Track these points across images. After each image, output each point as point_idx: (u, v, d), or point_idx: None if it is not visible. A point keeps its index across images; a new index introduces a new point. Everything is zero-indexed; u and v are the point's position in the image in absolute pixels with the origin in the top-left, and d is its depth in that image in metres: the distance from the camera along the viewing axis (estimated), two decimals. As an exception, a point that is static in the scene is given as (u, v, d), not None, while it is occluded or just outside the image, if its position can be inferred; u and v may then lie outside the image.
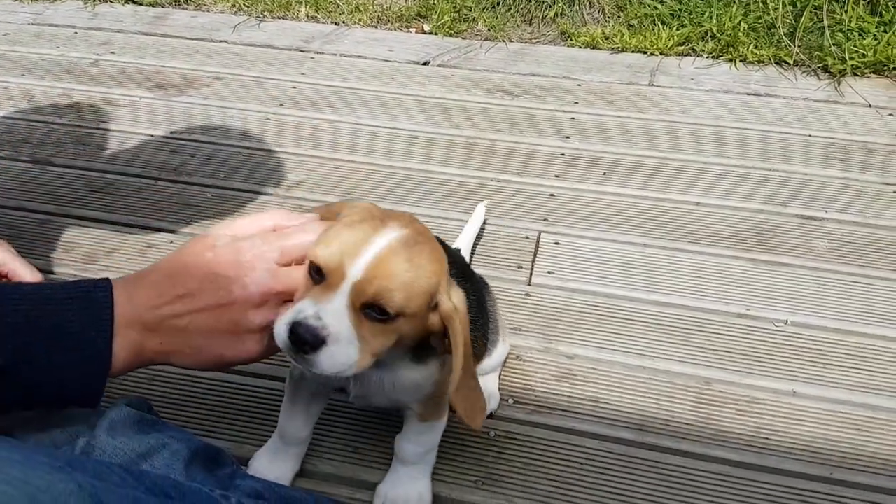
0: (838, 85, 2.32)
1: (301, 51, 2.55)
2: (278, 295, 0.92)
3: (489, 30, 2.67)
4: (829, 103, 2.25)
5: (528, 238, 1.73)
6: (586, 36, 2.59)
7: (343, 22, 2.74)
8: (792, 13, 2.53)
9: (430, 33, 2.68)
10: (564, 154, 2.03)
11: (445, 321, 0.91)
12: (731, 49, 2.47)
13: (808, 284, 1.61)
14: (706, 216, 1.81)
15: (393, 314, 0.87)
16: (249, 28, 2.69)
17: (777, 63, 2.43)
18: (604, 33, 2.59)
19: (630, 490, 1.21)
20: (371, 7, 2.79)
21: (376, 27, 2.73)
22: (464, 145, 2.07)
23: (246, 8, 2.81)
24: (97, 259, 1.65)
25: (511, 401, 1.34)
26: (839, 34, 2.44)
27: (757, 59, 2.44)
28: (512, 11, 2.74)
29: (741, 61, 2.45)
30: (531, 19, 2.73)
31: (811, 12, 2.48)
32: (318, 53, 2.54)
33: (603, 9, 2.71)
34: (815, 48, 2.42)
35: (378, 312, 0.87)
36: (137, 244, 1.70)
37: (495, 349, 1.27)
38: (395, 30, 2.72)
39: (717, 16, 2.56)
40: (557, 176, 1.94)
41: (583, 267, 1.65)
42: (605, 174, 1.95)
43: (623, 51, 2.54)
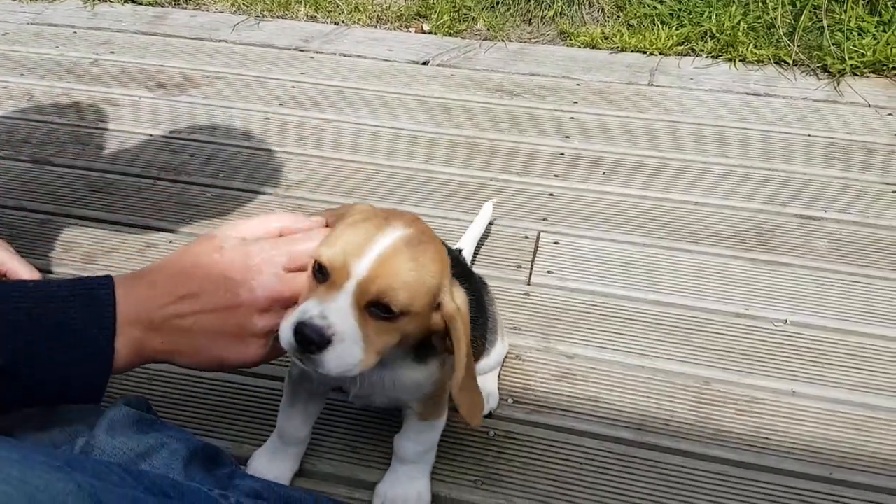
0: (837, 85, 2.32)
1: (300, 50, 2.55)
2: (284, 300, 0.92)
3: (488, 29, 2.67)
4: (829, 103, 2.25)
5: (528, 238, 1.73)
6: (586, 36, 2.59)
7: (342, 21, 2.74)
8: (791, 13, 2.53)
9: (430, 33, 2.68)
10: (563, 154, 2.03)
11: (448, 321, 0.91)
12: (731, 49, 2.47)
13: (807, 284, 1.61)
14: (705, 216, 1.81)
15: (397, 312, 0.87)
16: (249, 27, 2.69)
17: (776, 63, 2.43)
18: (603, 33, 2.59)
19: (629, 489, 1.21)
20: (370, 7, 2.79)
21: (375, 27, 2.73)
22: (463, 145, 2.07)
23: (245, 7, 2.81)
24: (96, 258, 1.65)
25: (510, 400, 1.35)
26: (838, 34, 2.44)
27: (756, 59, 2.44)
28: (511, 11, 2.74)
29: (740, 61, 2.45)
30: (530, 19, 2.73)
31: (810, 12, 2.48)
32: (318, 53, 2.54)
33: (602, 8, 2.71)
34: (815, 48, 2.43)
35: (382, 311, 0.87)
36: (137, 244, 1.70)
37: (494, 349, 1.27)
38: (395, 29, 2.72)
39: (717, 15, 2.56)
40: (556, 175, 1.94)
41: (582, 266, 1.65)
42: (605, 174, 1.95)
43: (622, 50, 2.54)
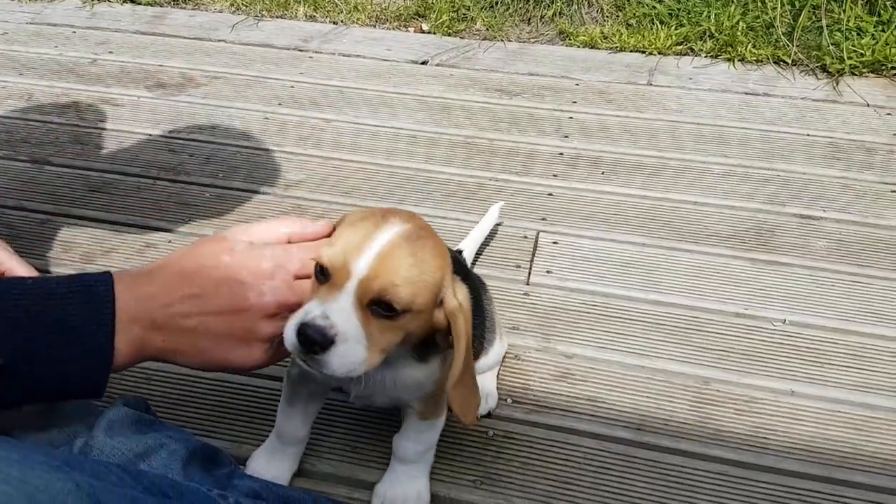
0: (836, 84, 2.32)
1: (299, 50, 2.55)
2: (292, 306, 0.92)
3: (487, 29, 2.67)
4: (828, 103, 2.25)
5: (527, 237, 1.73)
6: (585, 35, 2.59)
7: (341, 21, 2.74)
8: (790, 12, 2.53)
9: (429, 33, 2.68)
10: (563, 153, 2.03)
11: (450, 317, 0.92)
12: (730, 48, 2.47)
13: (807, 284, 1.61)
14: (704, 215, 1.81)
15: (400, 310, 0.87)
16: (248, 27, 2.69)
17: (775, 62, 2.43)
18: (602, 33, 2.59)
19: (629, 489, 1.21)
20: (369, 6, 2.79)
21: (374, 26, 2.73)
22: (462, 145, 2.07)
23: (244, 7, 2.81)
24: (95, 258, 1.65)
25: (510, 400, 1.34)
26: (837, 33, 2.44)
27: (755, 59, 2.44)
28: (510, 11, 2.74)
29: (739, 61, 2.45)
30: (529, 19, 2.73)
31: (809, 12, 2.48)
32: (317, 53, 2.54)
33: (601, 8, 2.71)
34: (814, 47, 2.43)
35: (385, 309, 0.87)
36: (136, 244, 1.70)
37: (492, 348, 1.27)
38: (394, 29, 2.72)
39: (716, 15, 2.56)
40: (556, 175, 1.94)
41: (581, 266, 1.65)
42: (604, 174, 1.95)
43: (621, 50, 2.54)
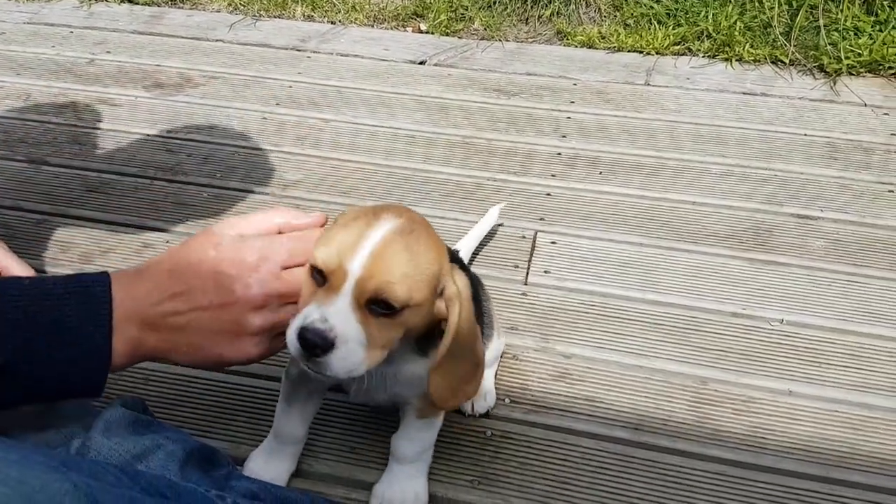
0: (834, 84, 2.33)
1: (297, 50, 2.55)
2: (281, 297, 0.92)
3: (485, 29, 2.67)
4: (825, 102, 2.26)
5: (525, 237, 1.73)
6: (582, 35, 2.59)
7: (339, 21, 2.74)
8: (788, 12, 2.53)
9: (427, 32, 2.68)
10: (561, 153, 2.03)
11: (447, 304, 0.92)
12: (727, 48, 2.47)
13: (804, 284, 1.61)
14: (702, 215, 1.81)
15: (398, 307, 0.87)
16: (245, 27, 2.69)
17: (773, 62, 2.43)
18: (600, 33, 2.60)
19: (627, 489, 1.21)
20: (367, 6, 2.79)
21: (373, 26, 2.73)
22: (460, 145, 2.07)
23: (242, 7, 2.81)
24: (93, 259, 1.65)
25: (508, 400, 1.34)
26: (835, 33, 2.44)
27: (753, 59, 2.45)
28: (508, 11, 2.74)
29: (737, 61, 2.45)
30: (527, 18, 2.73)
31: (807, 11, 2.49)
32: (315, 53, 2.54)
33: (599, 8, 2.71)
34: (811, 47, 2.43)
35: (383, 307, 0.87)
36: (133, 244, 1.69)
37: (490, 343, 1.26)
38: (392, 29, 2.72)
39: (713, 15, 2.56)
40: (554, 175, 1.94)
41: (579, 266, 1.65)
42: (602, 173, 1.95)
43: (619, 50, 2.54)
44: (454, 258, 1.01)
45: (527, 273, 1.63)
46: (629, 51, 2.53)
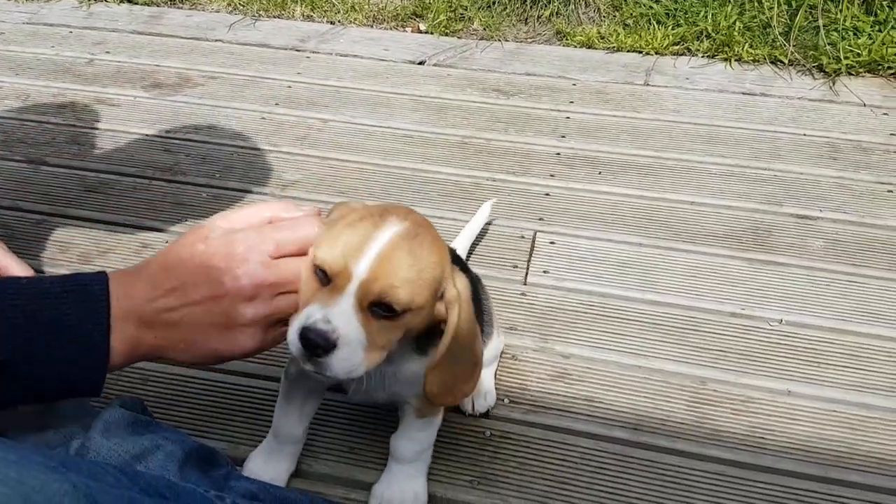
0: (833, 84, 2.33)
1: (296, 50, 2.55)
2: (271, 287, 0.92)
3: (485, 29, 2.67)
4: (824, 102, 2.26)
5: (524, 237, 1.73)
6: (582, 35, 2.59)
7: (339, 21, 2.74)
8: (787, 12, 2.53)
9: (426, 33, 2.68)
10: (560, 153, 2.03)
11: (447, 307, 0.92)
12: (727, 48, 2.47)
13: (804, 284, 1.61)
14: (701, 215, 1.81)
15: (400, 310, 0.87)
16: (245, 27, 2.69)
17: (772, 62, 2.43)
18: (599, 33, 2.60)
19: (625, 489, 1.21)
20: (367, 6, 2.79)
21: (372, 26, 2.72)
22: (459, 145, 2.07)
23: (241, 7, 2.81)
24: (92, 259, 1.65)
25: (507, 400, 1.34)
26: (834, 33, 2.44)
27: (752, 59, 2.45)
28: (507, 11, 2.74)
29: (736, 61, 2.45)
30: (527, 19, 2.73)
31: (806, 11, 2.49)
32: (314, 53, 2.53)
33: (598, 8, 2.71)
34: (810, 47, 2.43)
35: (385, 310, 0.87)
36: (132, 244, 1.69)
37: (490, 342, 1.27)
38: (391, 29, 2.72)
39: (713, 15, 2.56)
40: (553, 175, 1.94)
41: (578, 266, 1.65)
42: (601, 173, 1.95)
43: (618, 50, 2.54)
44: (455, 258, 1.02)
45: (526, 273, 1.63)
46: (628, 51, 2.53)
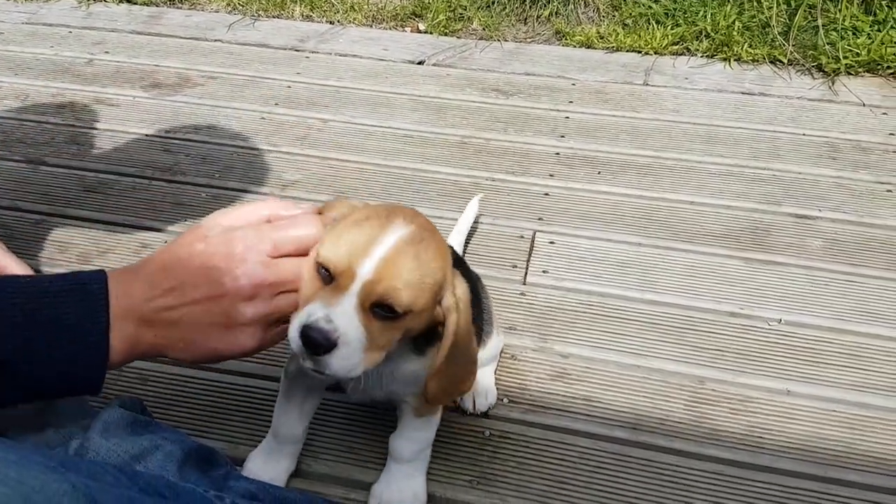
0: (832, 84, 2.33)
1: (296, 50, 2.55)
2: (270, 286, 0.92)
3: (484, 29, 2.67)
4: (824, 102, 2.26)
5: (523, 237, 1.73)
6: (581, 35, 2.59)
7: (338, 21, 2.74)
8: (786, 12, 2.53)
9: (425, 32, 2.68)
10: (559, 153, 2.03)
11: (445, 313, 0.93)
12: (726, 48, 2.47)
13: (802, 283, 1.62)
14: (700, 215, 1.81)
15: (401, 312, 0.88)
16: (244, 27, 2.69)
17: (771, 62, 2.44)
18: (598, 32, 2.60)
19: (624, 489, 1.21)
20: (366, 6, 2.79)
21: (371, 26, 2.73)
22: (458, 144, 2.07)
23: (241, 7, 2.81)
24: (91, 259, 1.65)
25: (506, 400, 1.35)
26: (833, 33, 2.44)
27: (751, 58, 2.45)
28: (507, 10, 2.74)
29: (735, 60, 2.45)
30: (526, 18, 2.73)
31: (805, 11, 2.49)
32: (313, 53, 2.54)
33: (598, 8, 2.71)
34: (810, 47, 2.43)
35: (386, 311, 0.88)
36: (131, 244, 1.69)
37: (490, 340, 1.27)
38: (390, 29, 2.72)
39: (712, 15, 2.56)
40: (552, 175, 1.95)
41: (578, 266, 1.65)
42: (600, 173, 1.95)
43: (618, 50, 2.54)
44: (457, 259, 1.02)
45: (525, 273, 1.63)
46: (627, 51, 2.53)
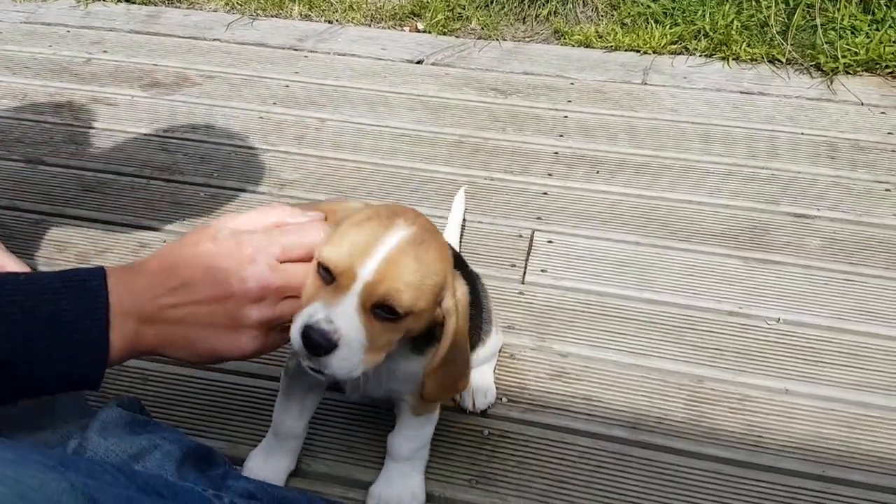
0: (831, 83, 2.33)
1: (294, 49, 2.55)
2: (277, 290, 0.92)
3: (483, 28, 2.67)
4: (822, 101, 2.26)
5: (522, 236, 1.73)
6: (579, 34, 2.59)
7: (336, 20, 2.74)
8: (785, 11, 2.53)
9: (424, 32, 2.68)
10: (557, 152, 2.03)
11: (444, 314, 0.93)
12: (724, 47, 2.47)
13: (801, 282, 1.62)
14: (699, 214, 1.81)
15: (402, 314, 0.88)
16: (242, 26, 2.69)
17: (770, 61, 2.44)
18: (597, 32, 2.60)
19: (623, 488, 1.21)
20: (364, 5, 2.79)
21: (370, 25, 2.72)
22: (457, 144, 2.07)
23: (239, 6, 2.81)
24: (90, 258, 1.65)
25: (505, 399, 1.35)
26: (832, 32, 2.44)
27: (750, 58, 2.45)
28: (505, 10, 2.74)
29: (734, 60, 2.45)
30: (524, 18, 2.73)
31: (804, 10, 2.49)
32: (312, 52, 2.53)
33: (596, 7, 2.71)
34: (808, 46, 2.43)
35: (387, 312, 0.88)
36: (130, 243, 1.69)
37: (489, 339, 1.27)
38: (389, 28, 2.72)
39: (710, 14, 2.56)
40: (551, 174, 1.94)
41: (576, 265, 1.65)
42: (599, 172, 1.95)
43: (616, 49, 2.54)
44: (457, 259, 1.02)
45: (524, 272, 1.63)
46: (626, 50, 2.53)
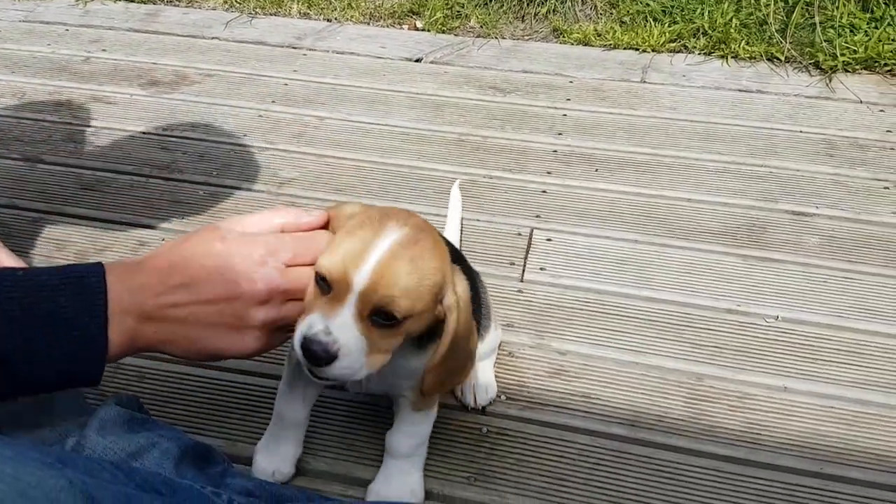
0: (829, 81, 2.33)
1: (293, 47, 2.55)
2: (284, 293, 0.93)
3: (482, 26, 2.67)
4: (821, 99, 2.26)
5: (521, 234, 1.73)
6: (578, 33, 2.59)
7: (335, 18, 2.73)
8: (783, 9, 2.53)
9: (423, 30, 2.68)
10: (556, 151, 2.03)
11: (445, 311, 0.93)
12: (723, 45, 2.47)
13: (799, 280, 1.62)
14: (697, 212, 1.81)
15: (401, 318, 0.88)
16: (241, 25, 2.69)
17: (768, 59, 2.44)
18: (596, 30, 2.59)
19: (622, 485, 1.21)
20: (363, 3, 2.79)
21: (369, 24, 2.72)
22: (456, 142, 2.07)
23: (238, 4, 2.80)
24: (88, 256, 1.64)
25: (503, 397, 1.35)
26: (830, 30, 2.44)
27: (748, 56, 2.45)
28: (504, 8, 2.74)
29: (733, 58, 2.45)
30: (523, 16, 2.73)
31: (803, 8, 2.49)
32: (311, 50, 2.53)
33: (595, 5, 2.71)
34: (807, 44, 2.43)
35: (386, 318, 0.88)
36: (129, 242, 1.69)
37: (488, 335, 1.28)
38: (388, 26, 2.71)
39: (709, 12, 2.56)
40: (549, 172, 1.94)
41: (575, 263, 1.66)
42: (597, 171, 1.95)
43: (615, 48, 2.54)
44: (455, 256, 1.02)
45: (523, 270, 1.63)
46: (625, 48, 2.53)
